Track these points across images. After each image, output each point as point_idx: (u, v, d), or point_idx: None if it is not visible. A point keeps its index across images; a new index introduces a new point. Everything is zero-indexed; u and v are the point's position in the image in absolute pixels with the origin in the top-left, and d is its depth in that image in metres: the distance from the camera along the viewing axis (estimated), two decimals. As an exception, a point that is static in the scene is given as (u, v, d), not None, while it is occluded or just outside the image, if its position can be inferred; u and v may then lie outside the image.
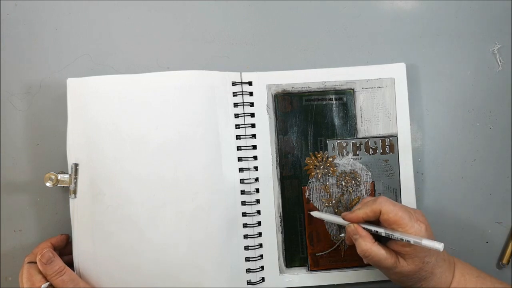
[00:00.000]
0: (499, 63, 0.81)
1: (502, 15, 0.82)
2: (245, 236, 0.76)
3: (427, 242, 0.62)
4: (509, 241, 0.80)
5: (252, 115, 0.77)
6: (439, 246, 0.61)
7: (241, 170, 0.77)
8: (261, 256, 0.77)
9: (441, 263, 0.68)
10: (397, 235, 0.64)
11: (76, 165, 0.72)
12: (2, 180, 0.77)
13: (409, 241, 0.63)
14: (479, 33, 0.82)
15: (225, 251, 0.74)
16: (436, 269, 0.67)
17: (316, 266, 0.78)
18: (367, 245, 0.66)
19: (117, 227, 0.72)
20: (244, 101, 0.77)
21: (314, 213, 0.77)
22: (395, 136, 0.78)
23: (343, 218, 0.70)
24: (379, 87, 0.78)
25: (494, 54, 0.82)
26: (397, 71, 0.79)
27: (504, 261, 0.80)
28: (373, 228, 0.67)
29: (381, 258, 0.66)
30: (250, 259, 0.76)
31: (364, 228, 0.68)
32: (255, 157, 0.77)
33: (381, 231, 0.66)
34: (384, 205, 0.66)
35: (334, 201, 0.78)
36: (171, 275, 0.72)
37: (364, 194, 0.78)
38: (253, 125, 0.77)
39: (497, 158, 0.81)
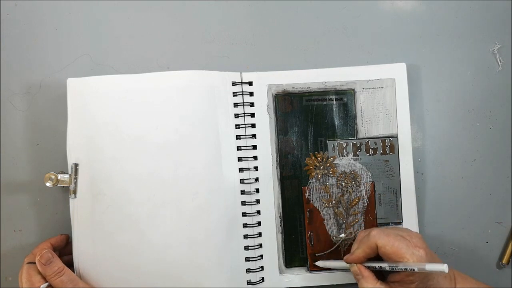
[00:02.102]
0: (499, 63, 0.81)
1: (502, 15, 0.82)
2: (245, 236, 0.77)
3: (431, 266, 0.61)
4: (509, 241, 0.80)
5: (253, 115, 0.77)
6: (443, 267, 0.60)
7: (241, 170, 0.77)
8: (261, 256, 0.77)
9: (442, 282, 0.68)
10: (401, 266, 0.64)
11: (76, 165, 0.72)
12: (2, 180, 0.77)
13: (413, 270, 0.63)
14: (479, 33, 0.82)
15: (225, 251, 0.74)
16: None
17: (315, 266, 0.78)
18: (370, 285, 0.67)
19: (117, 227, 0.72)
20: (244, 101, 0.77)
21: (319, 263, 0.77)
22: (395, 137, 0.78)
23: (346, 262, 0.70)
24: (379, 87, 0.78)
25: (494, 54, 0.82)
26: (397, 71, 0.79)
27: (504, 261, 0.80)
28: (377, 265, 0.67)
29: None
30: (250, 259, 0.76)
31: (368, 266, 0.68)
32: (255, 157, 0.77)
33: (385, 266, 0.66)
34: (379, 239, 0.66)
35: (334, 202, 0.78)
36: (171, 275, 0.72)
37: (364, 195, 0.78)
38: (253, 125, 0.77)
39: (497, 158, 0.81)
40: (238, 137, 0.77)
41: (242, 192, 0.77)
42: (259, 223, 0.77)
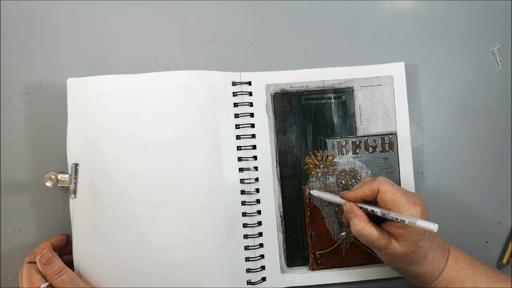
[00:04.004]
0: (499, 63, 0.82)
1: (502, 15, 0.83)
2: (245, 236, 0.76)
3: (422, 223, 0.61)
4: (509, 241, 0.80)
5: (252, 115, 0.77)
6: (433, 226, 0.60)
7: (241, 170, 0.77)
8: (262, 256, 0.77)
9: (435, 249, 0.68)
10: (392, 215, 0.64)
11: (76, 165, 0.72)
12: (2, 180, 0.77)
13: (403, 221, 0.63)
14: (479, 33, 0.82)
15: (225, 251, 0.74)
16: (429, 254, 0.67)
17: (317, 265, 0.78)
18: (360, 225, 0.67)
19: (117, 227, 0.71)
20: (243, 101, 0.77)
21: (314, 192, 0.77)
22: (394, 134, 0.78)
23: (341, 197, 0.71)
24: (377, 85, 0.78)
25: (494, 54, 0.82)
26: (395, 70, 0.79)
27: (504, 261, 0.80)
28: (370, 207, 0.68)
29: (373, 238, 0.66)
30: (250, 259, 0.76)
31: (360, 208, 0.69)
32: (255, 157, 0.77)
33: (377, 210, 0.66)
34: (383, 185, 0.67)
35: (334, 200, 0.78)
36: (171, 275, 0.72)
37: (364, 193, 0.78)
38: (252, 125, 0.77)
39: (497, 158, 0.81)
40: (238, 137, 0.77)
41: (242, 192, 0.77)
42: (259, 223, 0.77)
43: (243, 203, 0.77)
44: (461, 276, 0.68)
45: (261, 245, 0.77)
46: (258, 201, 0.77)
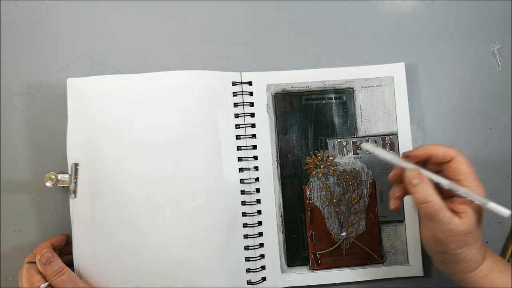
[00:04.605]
0: (499, 63, 0.82)
1: (502, 15, 0.83)
2: (245, 236, 0.76)
3: (494, 206, 0.58)
4: (509, 241, 0.80)
5: (252, 115, 0.77)
6: (507, 211, 0.57)
7: (241, 170, 0.77)
8: (262, 256, 0.77)
9: (481, 236, 0.64)
10: (462, 191, 0.60)
11: (76, 165, 0.72)
12: (2, 180, 0.77)
13: (473, 201, 0.59)
14: (479, 33, 0.82)
15: (225, 251, 0.74)
16: (479, 239, 0.63)
17: (317, 265, 0.78)
18: (430, 191, 0.61)
19: (117, 227, 0.71)
20: (244, 101, 0.77)
21: (365, 145, 0.71)
22: (395, 134, 0.78)
23: (404, 155, 0.66)
24: (378, 85, 0.78)
25: (494, 54, 0.82)
26: (396, 70, 0.79)
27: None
28: (435, 178, 0.63)
29: (440, 209, 0.60)
30: (250, 259, 0.76)
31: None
32: (255, 157, 0.77)
33: (445, 183, 0.62)
34: (460, 154, 0.63)
35: (335, 200, 0.78)
36: (171, 275, 0.72)
37: (365, 193, 0.78)
38: (253, 125, 0.77)
39: (497, 158, 0.81)
40: (238, 137, 0.77)
41: (242, 192, 0.77)
42: (259, 223, 0.77)
43: (243, 203, 0.77)
44: (500, 267, 0.65)
45: (261, 245, 0.77)
46: (258, 201, 0.77)
